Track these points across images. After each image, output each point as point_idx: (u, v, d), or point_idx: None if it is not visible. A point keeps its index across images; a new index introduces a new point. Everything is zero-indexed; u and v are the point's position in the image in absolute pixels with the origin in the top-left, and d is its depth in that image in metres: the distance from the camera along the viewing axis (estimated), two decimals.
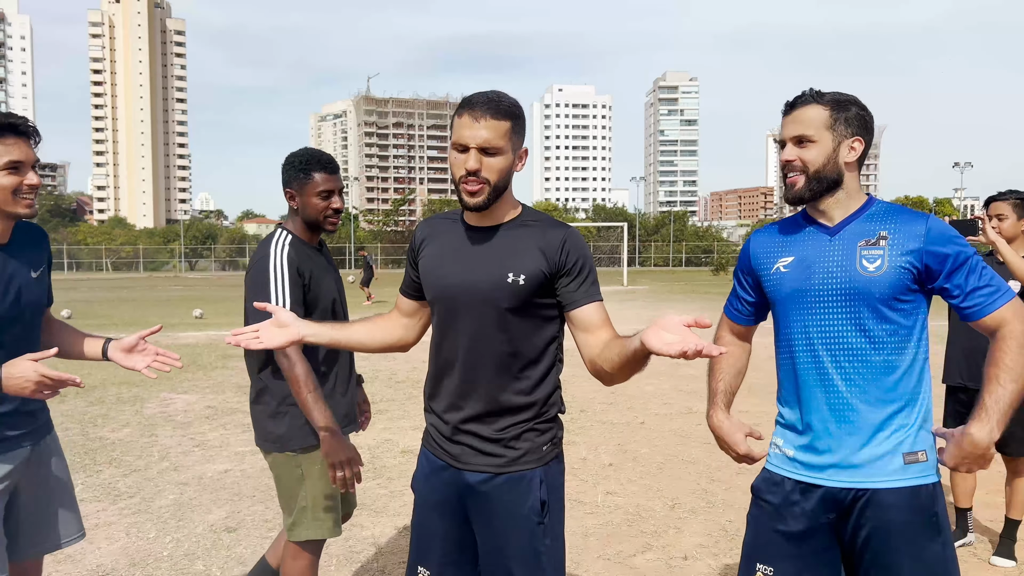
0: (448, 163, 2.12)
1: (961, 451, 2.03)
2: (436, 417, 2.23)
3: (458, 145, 2.03)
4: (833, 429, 2.11)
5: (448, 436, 2.18)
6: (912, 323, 2.09)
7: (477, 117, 2.00)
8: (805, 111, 2.13)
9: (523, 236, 2.11)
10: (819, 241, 2.15)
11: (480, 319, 2.10)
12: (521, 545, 2.12)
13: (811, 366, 2.15)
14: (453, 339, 2.15)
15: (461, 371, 2.14)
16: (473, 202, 2.04)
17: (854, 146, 2.12)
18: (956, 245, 2.04)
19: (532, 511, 2.12)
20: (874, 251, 2.07)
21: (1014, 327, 2.01)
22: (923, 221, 2.07)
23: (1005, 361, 1.99)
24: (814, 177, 2.12)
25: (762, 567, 2.22)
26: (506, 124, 2.02)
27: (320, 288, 2.88)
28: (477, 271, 2.10)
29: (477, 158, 2.01)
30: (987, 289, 2.03)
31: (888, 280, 2.05)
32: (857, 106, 2.13)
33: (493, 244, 2.12)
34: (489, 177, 2.02)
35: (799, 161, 2.12)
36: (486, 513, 2.15)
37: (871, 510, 2.07)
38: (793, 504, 2.17)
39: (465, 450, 2.15)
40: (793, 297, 2.17)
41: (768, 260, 2.25)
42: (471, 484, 2.15)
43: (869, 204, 2.16)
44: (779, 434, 2.27)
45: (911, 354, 2.10)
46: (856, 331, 2.08)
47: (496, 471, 2.12)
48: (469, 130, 2.00)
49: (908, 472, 2.07)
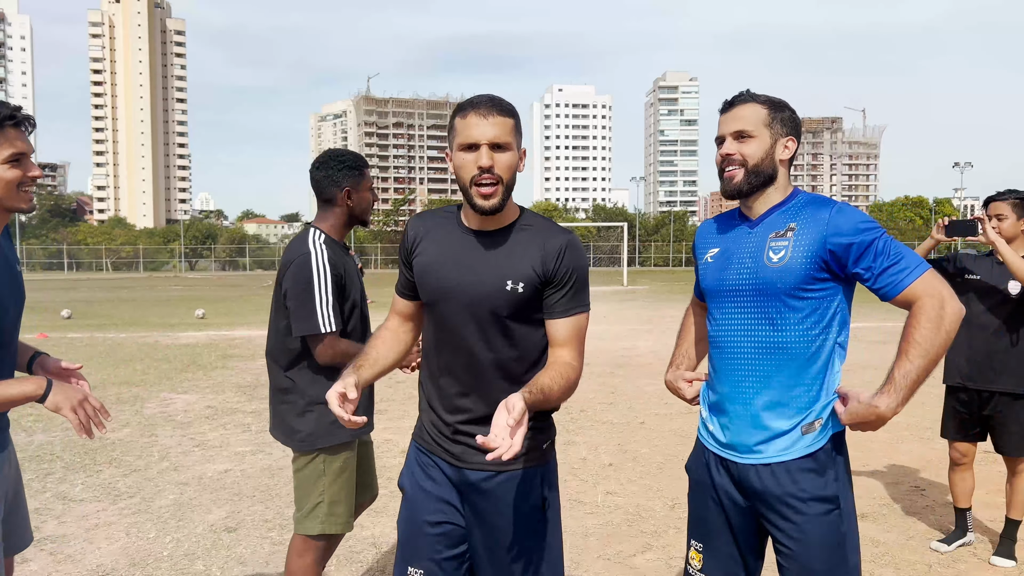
0: (453, 167, 2.08)
1: (860, 415, 2.06)
2: (435, 415, 2.21)
3: (466, 144, 2.00)
4: (740, 411, 2.20)
5: (449, 435, 2.18)
6: (822, 310, 2.12)
7: (484, 115, 1.99)
8: (744, 108, 2.20)
9: (522, 241, 2.10)
10: (740, 233, 2.26)
11: (480, 324, 2.10)
12: (522, 542, 2.14)
13: (725, 351, 2.25)
14: (452, 342, 2.14)
15: (461, 374, 2.15)
16: (489, 205, 2.01)
17: (788, 145, 2.20)
18: (859, 230, 2.06)
19: (534, 508, 2.15)
20: (780, 242, 2.14)
21: (924, 303, 2.03)
22: (828, 209, 2.11)
23: (915, 336, 2.02)
24: (753, 171, 2.18)
25: (695, 543, 2.35)
26: (511, 121, 2.03)
27: (352, 285, 3.00)
28: (476, 277, 2.08)
29: (489, 154, 1.99)
30: (895, 268, 2.05)
31: (791, 270, 2.10)
32: (789, 109, 2.23)
33: (493, 250, 2.10)
34: (502, 175, 2.01)
35: (739, 155, 2.19)
36: (487, 510, 2.15)
37: (773, 482, 2.15)
38: (713, 480, 2.29)
39: (467, 449, 2.15)
40: (713, 286, 2.29)
41: (702, 250, 2.38)
42: (472, 482, 2.15)
43: (792, 197, 2.22)
44: (704, 410, 2.37)
45: (819, 341, 2.14)
46: (764, 320, 2.16)
47: (498, 469, 2.12)
48: (478, 128, 1.99)
49: (804, 441, 2.14)
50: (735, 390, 2.22)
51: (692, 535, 2.37)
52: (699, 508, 2.34)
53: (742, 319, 2.20)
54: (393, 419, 7.63)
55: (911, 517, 4.76)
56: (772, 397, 2.16)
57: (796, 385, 2.14)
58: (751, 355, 2.18)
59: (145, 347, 13.44)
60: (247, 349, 13.18)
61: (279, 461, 6.12)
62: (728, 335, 2.24)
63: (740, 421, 2.21)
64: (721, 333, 2.26)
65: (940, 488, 5.33)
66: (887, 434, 6.85)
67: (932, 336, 2.00)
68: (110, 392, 9.11)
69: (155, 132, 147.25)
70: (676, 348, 2.58)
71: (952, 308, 2.02)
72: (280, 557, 4.18)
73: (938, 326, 2.00)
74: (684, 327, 2.60)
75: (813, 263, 2.08)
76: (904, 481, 5.50)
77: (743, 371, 2.20)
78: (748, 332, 2.18)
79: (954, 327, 2.02)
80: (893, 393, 2.02)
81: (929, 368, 2.01)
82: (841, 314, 2.16)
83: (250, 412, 8.01)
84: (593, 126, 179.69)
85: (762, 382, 2.17)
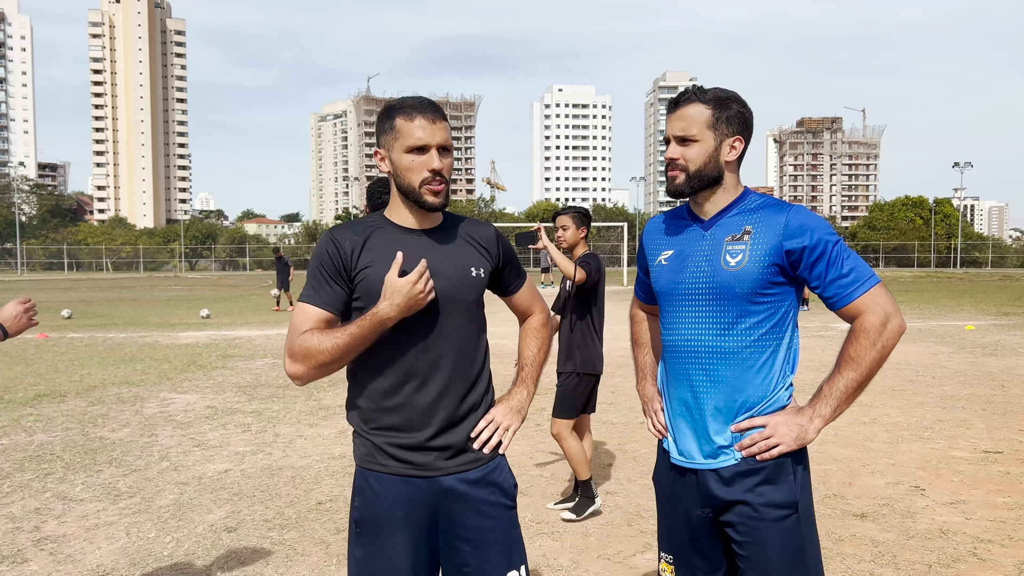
0: (393, 166, 2.09)
1: (780, 433, 2.07)
2: (396, 434, 2.10)
3: (415, 147, 2.05)
4: (696, 416, 2.17)
5: (416, 447, 2.09)
6: (776, 315, 2.12)
7: (432, 119, 2.06)
8: (688, 109, 2.15)
9: (461, 234, 2.20)
10: (694, 235, 2.21)
11: (450, 317, 2.11)
12: (511, 537, 2.17)
13: (677, 356, 2.21)
14: (416, 346, 2.08)
15: (428, 378, 2.09)
16: (439, 202, 2.09)
17: (735, 145, 2.16)
18: (814, 236, 2.04)
19: (509, 496, 2.20)
20: (737, 246, 2.11)
21: (866, 319, 2.04)
22: (784, 213, 2.09)
23: (849, 352, 2.06)
24: (695, 175, 2.16)
25: (664, 556, 2.31)
26: (448, 126, 2.12)
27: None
28: (443, 271, 2.10)
29: (439, 158, 2.06)
30: (845, 279, 2.04)
31: (749, 275, 2.08)
32: (738, 103, 2.16)
33: (445, 244, 2.16)
34: (447, 175, 2.09)
35: (682, 159, 2.16)
36: (465, 511, 2.12)
37: (729, 488, 2.11)
38: (675, 489, 2.24)
39: (437, 456, 2.11)
40: (667, 290, 2.23)
41: (654, 252, 2.32)
42: (446, 488, 2.11)
43: (742, 198, 2.19)
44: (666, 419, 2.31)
45: (773, 344, 2.12)
46: (718, 324, 2.13)
47: (467, 468, 2.14)
48: (427, 131, 2.05)
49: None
50: (689, 395, 2.18)
51: (661, 547, 2.32)
52: (666, 519, 2.29)
53: (697, 323, 2.16)
54: None
55: (911, 517, 4.76)
56: (726, 401, 2.12)
57: (749, 388, 2.11)
58: (705, 359, 2.14)
59: (145, 347, 13.44)
60: (247, 349, 13.18)
61: (279, 461, 6.12)
62: (682, 339, 2.19)
63: (696, 426, 2.17)
64: (675, 337, 2.21)
65: (941, 488, 5.33)
66: (887, 434, 6.85)
67: (865, 352, 2.03)
68: (110, 392, 9.11)
69: (155, 132, 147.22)
70: (640, 354, 2.53)
71: (893, 325, 2.03)
72: (280, 557, 4.18)
73: (874, 342, 2.03)
74: (637, 333, 2.54)
75: (770, 267, 2.07)
76: (904, 481, 5.50)
77: (698, 375, 2.16)
78: (702, 336, 2.15)
79: (891, 343, 2.04)
80: (820, 405, 2.06)
81: (862, 382, 2.04)
82: (793, 316, 2.16)
83: (250, 412, 8.01)
84: (593, 126, 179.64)
85: (716, 386, 2.13)
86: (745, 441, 2.10)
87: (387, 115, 2.10)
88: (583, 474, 4.77)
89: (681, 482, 2.22)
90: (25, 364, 11.34)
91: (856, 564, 4.04)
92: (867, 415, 7.60)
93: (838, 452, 6.20)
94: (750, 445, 2.09)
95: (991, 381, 9.70)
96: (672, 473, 2.25)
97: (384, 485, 2.10)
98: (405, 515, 2.09)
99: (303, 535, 4.52)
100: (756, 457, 2.09)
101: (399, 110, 2.07)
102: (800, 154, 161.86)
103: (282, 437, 6.93)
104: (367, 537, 2.12)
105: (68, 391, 9.18)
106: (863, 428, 7.07)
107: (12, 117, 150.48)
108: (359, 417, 2.15)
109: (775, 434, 2.08)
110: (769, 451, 2.08)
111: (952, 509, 4.89)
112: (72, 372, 10.64)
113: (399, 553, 2.09)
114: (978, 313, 20.07)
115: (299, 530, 4.60)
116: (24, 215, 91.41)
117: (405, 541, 2.09)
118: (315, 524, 4.70)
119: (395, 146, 2.07)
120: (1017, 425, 7.24)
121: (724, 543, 2.20)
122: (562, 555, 4.22)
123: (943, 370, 10.55)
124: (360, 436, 2.15)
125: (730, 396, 2.12)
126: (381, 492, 2.10)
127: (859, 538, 4.41)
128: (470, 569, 2.11)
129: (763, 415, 2.11)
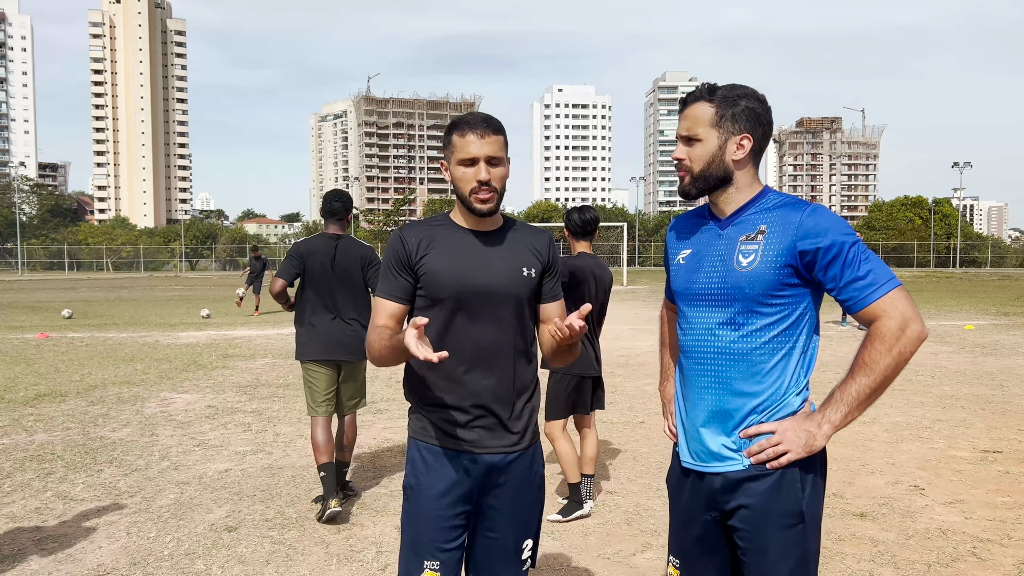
0: (452, 178, 2.35)
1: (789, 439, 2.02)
2: (448, 411, 2.35)
3: (466, 160, 2.28)
4: (706, 418, 2.13)
5: (464, 425, 2.34)
6: (790, 316, 2.06)
7: (482, 134, 2.28)
8: (693, 109, 2.12)
9: (517, 238, 2.43)
10: (711, 235, 2.18)
11: (502, 312, 2.34)
12: (534, 513, 2.46)
13: (689, 357, 2.19)
14: (471, 335, 2.32)
15: (482, 363, 2.33)
16: (487, 208, 2.31)
17: (742, 143, 2.09)
18: (830, 236, 1.98)
19: (540, 477, 2.46)
20: (751, 246, 2.06)
21: (883, 324, 1.96)
22: (799, 212, 2.02)
23: (863, 357, 1.98)
24: (699, 176, 2.13)
25: (672, 559, 2.29)
26: (502, 138, 2.33)
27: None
28: (496, 268, 2.34)
29: (487, 169, 2.28)
30: (861, 282, 1.97)
31: (761, 276, 2.03)
32: (748, 99, 2.09)
33: (499, 245, 2.39)
34: (496, 185, 2.31)
35: (687, 160, 2.14)
36: (504, 486, 2.37)
37: (738, 493, 2.08)
38: (684, 493, 2.22)
39: (484, 434, 2.34)
40: (682, 289, 2.21)
41: (674, 251, 2.30)
42: (490, 464, 2.35)
43: (760, 197, 2.13)
44: (678, 421, 2.29)
45: (786, 347, 2.07)
46: (728, 326, 2.09)
47: (510, 450, 2.37)
48: (476, 146, 2.27)
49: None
50: (699, 397, 2.15)
51: (671, 550, 2.29)
52: (675, 522, 2.27)
53: (709, 324, 2.12)
54: (393, 419, 7.63)
55: (910, 517, 4.77)
56: (735, 404, 2.09)
57: (759, 392, 2.07)
58: (715, 360, 2.11)
59: (145, 347, 13.45)
60: (247, 349, 13.19)
61: (279, 460, 6.13)
62: (694, 340, 2.16)
63: (705, 429, 2.13)
64: (689, 338, 2.18)
65: (940, 488, 5.34)
66: (887, 434, 6.86)
67: (880, 358, 1.95)
68: (110, 392, 9.12)
69: (155, 132, 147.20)
70: (663, 358, 2.55)
71: (912, 331, 1.95)
72: (280, 557, 4.19)
73: (890, 348, 1.95)
74: (664, 333, 2.55)
75: (783, 268, 2.01)
76: (904, 481, 5.51)
77: (709, 377, 2.12)
78: (715, 337, 2.11)
79: (908, 349, 1.96)
80: (829, 411, 2.00)
81: (876, 389, 1.97)
82: (810, 320, 2.09)
83: (250, 412, 8.01)
84: (593, 126, 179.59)
85: (725, 388, 2.10)
86: (753, 448, 2.06)
87: (448, 132, 2.35)
88: (573, 477, 4.76)
89: (690, 485, 2.20)
90: (25, 364, 11.35)
91: (856, 564, 4.04)
92: (867, 415, 7.61)
93: (838, 452, 6.21)
94: (758, 452, 2.05)
95: (990, 381, 9.71)
96: (682, 476, 2.23)
97: (434, 456, 2.37)
98: (448, 485, 2.33)
99: (303, 534, 4.52)
100: (766, 465, 2.05)
101: (456, 127, 2.32)
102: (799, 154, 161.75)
103: (282, 437, 6.93)
104: (412, 503, 2.38)
105: (69, 391, 9.19)
106: (863, 428, 7.07)
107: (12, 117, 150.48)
108: (415, 395, 2.43)
109: (784, 440, 2.02)
110: (778, 459, 2.03)
111: (951, 509, 4.89)
112: (73, 372, 10.65)
113: (440, 517, 2.34)
114: (977, 313, 20.08)
115: (299, 529, 4.61)
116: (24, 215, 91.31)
117: (447, 507, 2.33)
118: (315, 524, 4.70)
119: (452, 159, 2.32)
120: (1016, 425, 7.26)
121: (732, 549, 2.17)
122: (562, 555, 4.23)
123: (943, 370, 10.56)
124: (416, 412, 2.44)
125: (739, 399, 2.08)
126: (431, 462, 2.36)
127: (859, 538, 4.41)
128: (494, 535, 2.39)
129: (772, 421, 2.07)
